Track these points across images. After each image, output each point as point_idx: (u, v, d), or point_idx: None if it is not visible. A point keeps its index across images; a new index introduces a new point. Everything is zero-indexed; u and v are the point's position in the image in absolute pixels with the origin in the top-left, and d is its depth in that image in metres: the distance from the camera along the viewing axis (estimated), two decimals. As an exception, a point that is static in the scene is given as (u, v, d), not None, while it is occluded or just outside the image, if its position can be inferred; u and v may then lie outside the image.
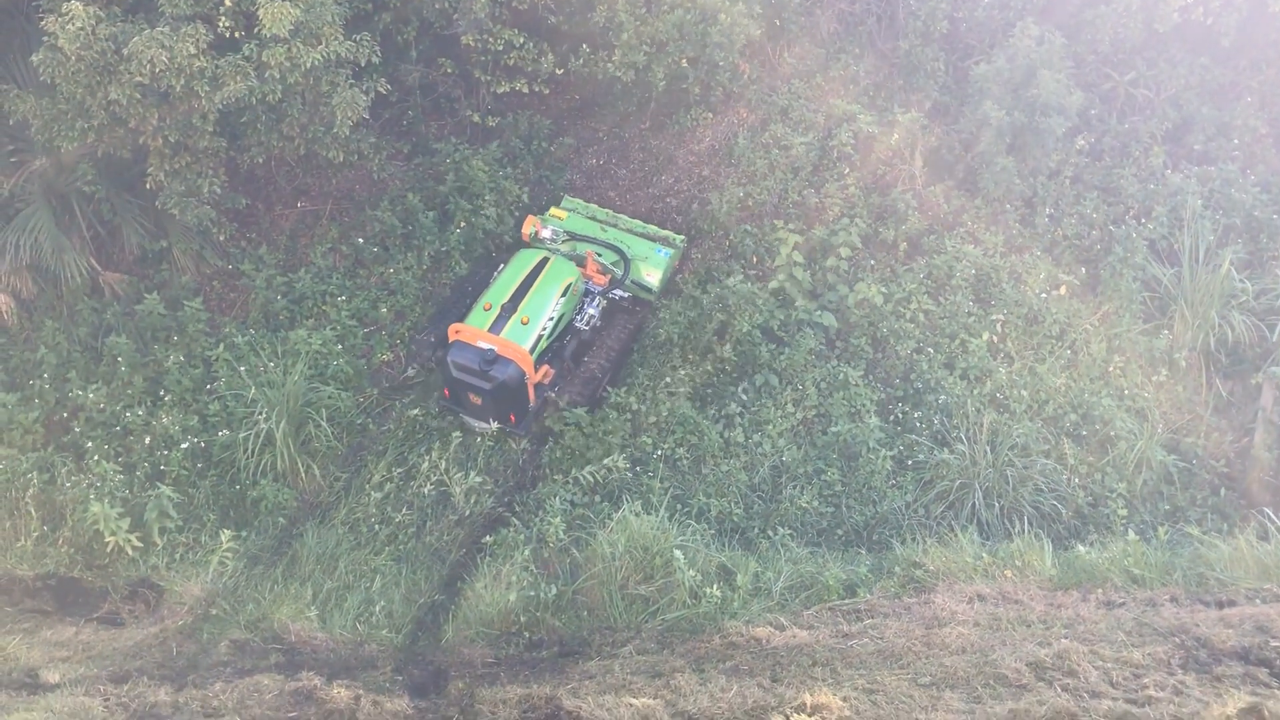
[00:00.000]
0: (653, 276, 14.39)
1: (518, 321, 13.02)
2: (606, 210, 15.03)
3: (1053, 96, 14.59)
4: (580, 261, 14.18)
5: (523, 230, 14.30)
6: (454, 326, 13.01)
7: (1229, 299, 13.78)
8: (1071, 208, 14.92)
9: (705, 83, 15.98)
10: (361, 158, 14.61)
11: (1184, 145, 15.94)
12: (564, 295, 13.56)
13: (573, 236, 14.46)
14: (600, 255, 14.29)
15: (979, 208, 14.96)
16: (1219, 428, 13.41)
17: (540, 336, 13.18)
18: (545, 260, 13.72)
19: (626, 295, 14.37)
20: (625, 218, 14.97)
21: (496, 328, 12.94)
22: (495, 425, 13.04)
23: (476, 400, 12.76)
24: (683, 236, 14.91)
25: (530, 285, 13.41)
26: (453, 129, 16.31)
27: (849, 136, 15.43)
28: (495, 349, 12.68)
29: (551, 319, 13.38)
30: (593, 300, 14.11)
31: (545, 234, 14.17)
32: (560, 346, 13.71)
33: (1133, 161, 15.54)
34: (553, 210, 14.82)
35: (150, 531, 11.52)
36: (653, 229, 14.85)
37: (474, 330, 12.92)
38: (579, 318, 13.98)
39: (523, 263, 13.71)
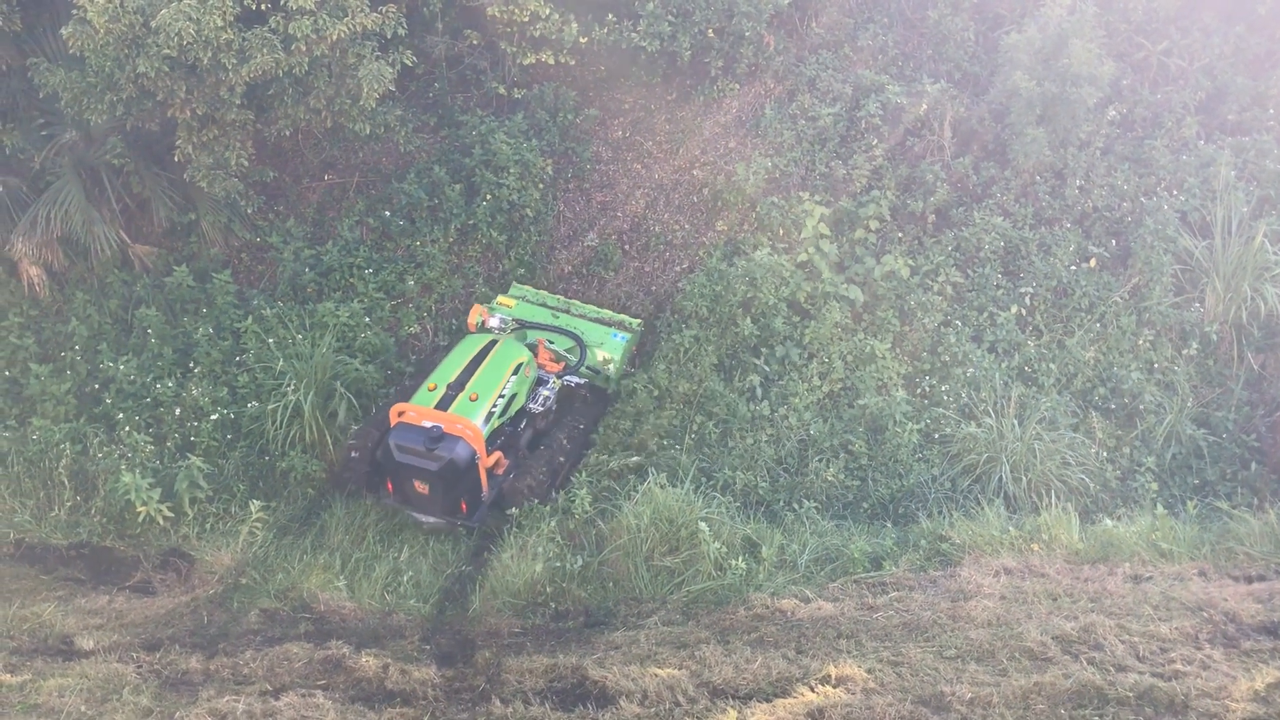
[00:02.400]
0: (609, 362, 13.52)
1: (465, 399, 11.92)
2: (558, 296, 14.26)
3: (1084, 66, 14.41)
4: (531, 349, 13.23)
5: (469, 320, 13.35)
6: (396, 407, 11.86)
7: (1262, 271, 13.61)
8: (1102, 179, 14.76)
9: (731, 54, 15.89)
10: (388, 130, 14.62)
11: (1217, 116, 15.72)
12: (515, 374, 12.50)
13: (522, 324, 13.53)
14: (552, 342, 13.40)
15: (1008, 179, 14.83)
16: (1250, 402, 13.30)
17: (491, 414, 12.03)
18: (494, 343, 12.78)
19: (583, 382, 13.35)
20: (578, 303, 14.13)
21: (443, 406, 11.85)
22: (443, 520, 11.84)
23: (422, 488, 11.56)
24: (640, 320, 14.09)
25: (479, 365, 12.38)
26: (479, 101, 16.29)
27: (877, 107, 15.31)
28: (441, 426, 11.56)
29: (503, 396, 12.25)
30: (547, 384, 13.08)
31: (493, 323, 13.27)
32: (514, 434, 12.64)
33: (1165, 132, 15.35)
34: (500, 299, 14.04)
35: (181, 502, 11.66)
36: (607, 314, 14.03)
37: (419, 409, 11.76)
38: (533, 401, 12.84)
39: (469, 346, 12.74)
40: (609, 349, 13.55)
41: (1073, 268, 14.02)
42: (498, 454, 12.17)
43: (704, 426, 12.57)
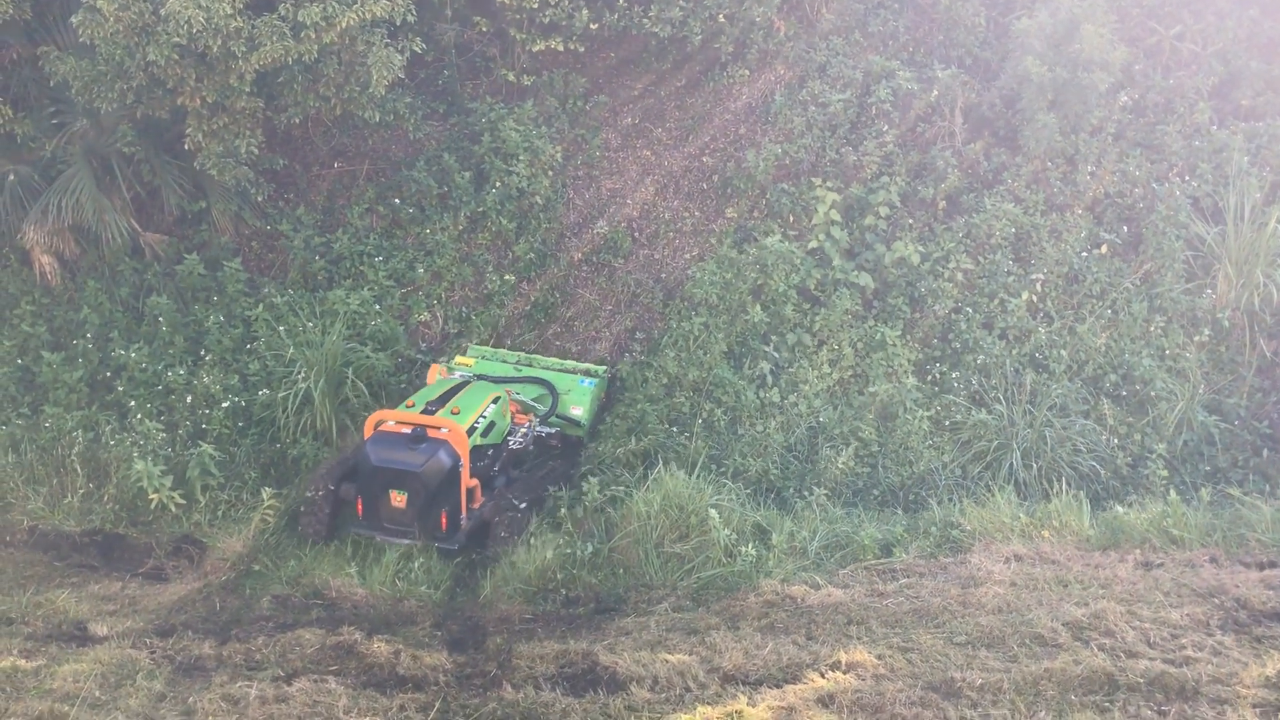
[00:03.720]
0: (579, 410, 12.93)
1: (448, 411, 11.40)
2: (517, 353, 13.72)
3: (1096, 52, 14.34)
4: None
5: (428, 379, 12.88)
6: (375, 416, 11.41)
7: (1274, 258, 13.57)
8: (1114, 165, 14.70)
9: (742, 40, 15.83)
10: (397, 118, 14.60)
11: (1230, 101, 15.64)
12: (494, 404, 12.11)
13: (484, 380, 12.87)
14: (519, 393, 12.91)
15: (1019, 165, 14.78)
16: (1262, 388, 13.27)
17: (475, 429, 11.49)
18: (466, 381, 12.46)
19: (554, 431, 12.77)
20: (539, 357, 13.67)
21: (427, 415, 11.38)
22: (419, 541, 11.05)
23: (400, 499, 10.91)
24: (605, 367, 13.61)
25: (456, 393, 11.94)
26: (488, 88, 16.26)
27: (888, 93, 15.26)
28: (425, 429, 11.03)
29: (484, 417, 11.78)
30: (524, 427, 12.61)
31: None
32: (491, 473, 11.93)
33: (1177, 118, 15.28)
34: (458, 359, 13.56)
35: (193, 489, 11.72)
36: (570, 364, 13.59)
37: (400, 415, 11.27)
38: (511, 439, 12.37)
39: (443, 382, 12.39)
40: (577, 395, 13.05)
41: (1084, 254, 13.97)
42: (476, 481, 11.51)
43: (713, 414, 12.57)
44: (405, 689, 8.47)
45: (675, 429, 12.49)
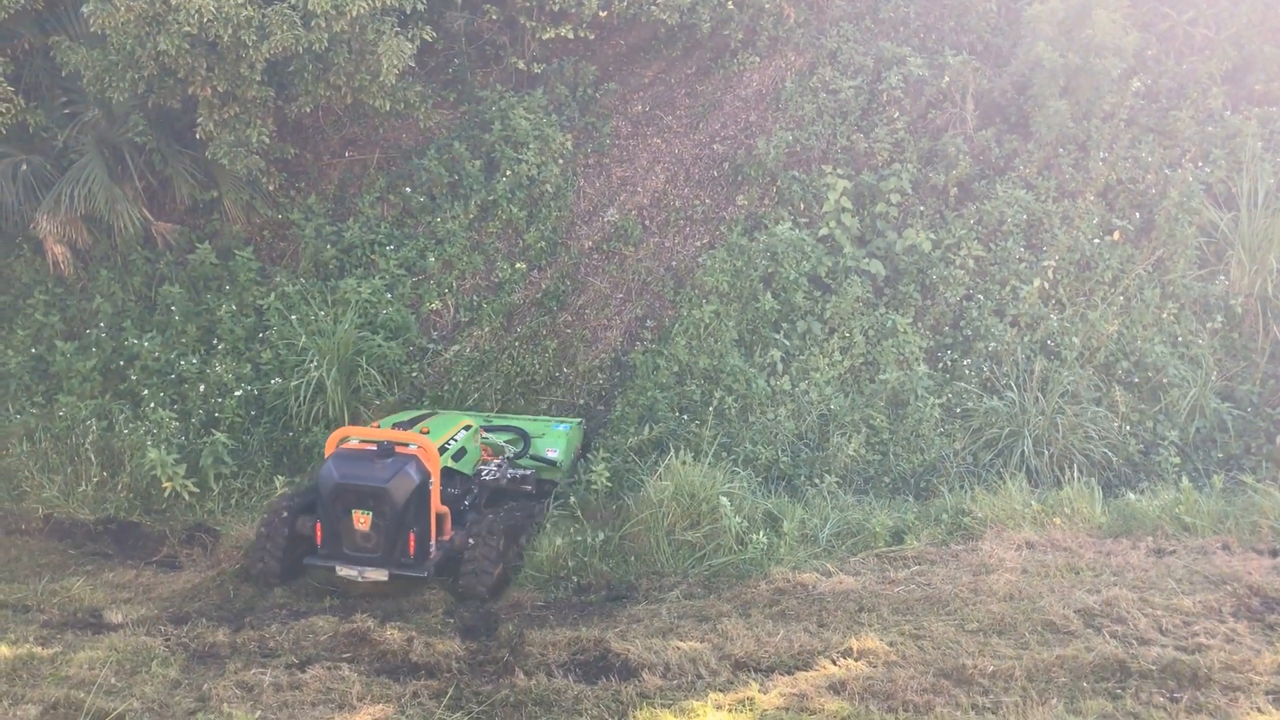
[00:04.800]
0: (554, 452, 12.29)
1: (417, 431, 10.79)
2: (484, 414, 13.04)
3: (1108, 37, 14.25)
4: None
5: None
6: (338, 434, 10.65)
7: (1288, 243, 13.50)
8: (1126, 151, 14.62)
9: (751, 26, 15.79)
10: (408, 106, 14.61)
11: (1244, 86, 15.54)
12: (465, 430, 11.45)
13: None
14: (489, 437, 12.30)
15: (1031, 152, 14.71)
16: (1275, 375, 13.20)
17: (446, 449, 10.78)
18: (435, 412, 12.13)
19: (530, 473, 11.92)
20: (509, 416, 13.18)
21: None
22: (383, 572, 10.06)
23: (364, 521, 9.93)
24: (580, 420, 13.09)
25: (425, 419, 11.41)
26: (498, 76, 16.25)
27: (899, 80, 15.20)
28: (393, 445, 10.23)
29: (455, 440, 11.10)
30: (499, 460, 12.01)
31: None
32: (462, 506, 11.13)
33: (1190, 103, 15.18)
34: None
35: (206, 477, 11.78)
36: (542, 419, 13.05)
37: (367, 431, 10.60)
38: (484, 470, 11.68)
39: (410, 410, 12.14)
40: (552, 438, 12.46)
41: (1096, 241, 13.91)
42: (446, 509, 10.58)
43: (724, 401, 12.57)
44: (418, 676, 8.52)
45: (686, 417, 12.50)
